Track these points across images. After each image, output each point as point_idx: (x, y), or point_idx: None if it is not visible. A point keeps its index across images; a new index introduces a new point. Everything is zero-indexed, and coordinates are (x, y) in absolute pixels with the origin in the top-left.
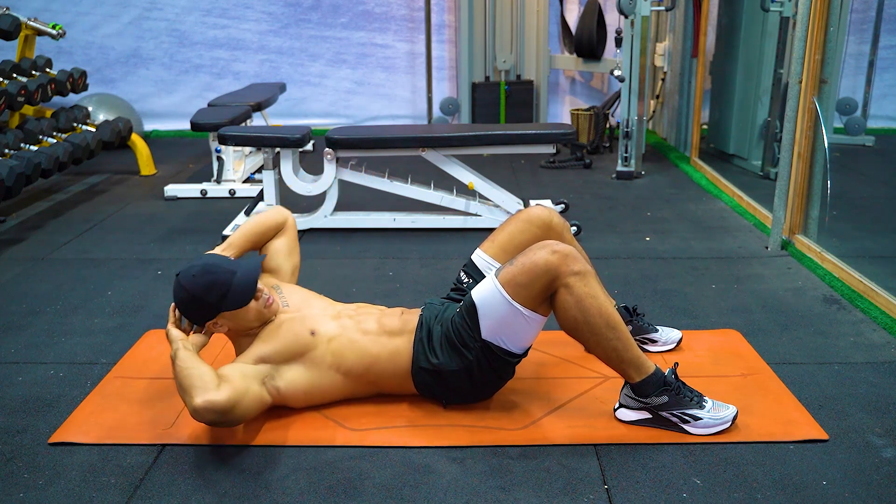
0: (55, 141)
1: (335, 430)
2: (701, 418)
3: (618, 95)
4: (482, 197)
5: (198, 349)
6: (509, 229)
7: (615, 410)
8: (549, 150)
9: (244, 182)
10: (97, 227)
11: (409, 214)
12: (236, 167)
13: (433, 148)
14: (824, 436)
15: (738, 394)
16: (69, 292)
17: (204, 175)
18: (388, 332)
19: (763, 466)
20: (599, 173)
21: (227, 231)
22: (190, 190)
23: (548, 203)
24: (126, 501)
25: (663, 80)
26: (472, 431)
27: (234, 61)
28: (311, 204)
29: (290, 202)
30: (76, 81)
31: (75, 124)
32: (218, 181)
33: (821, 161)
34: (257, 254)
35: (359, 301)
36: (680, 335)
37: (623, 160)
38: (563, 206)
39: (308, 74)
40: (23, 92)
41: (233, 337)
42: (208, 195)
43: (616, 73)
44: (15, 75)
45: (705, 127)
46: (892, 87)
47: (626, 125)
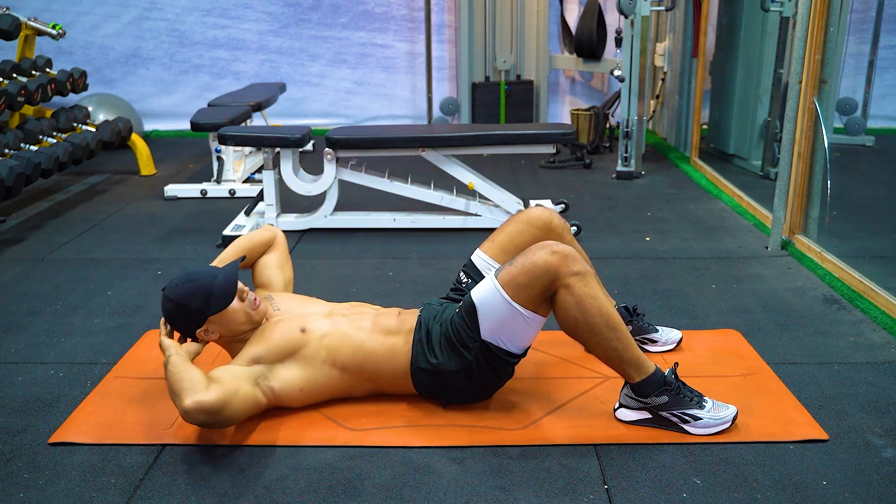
0: (55, 141)
1: (335, 430)
2: (701, 418)
3: (618, 95)
4: (482, 197)
5: (191, 357)
6: (509, 230)
7: (615, 410)
8: (549, 150)
9: (244, 182)
10: (97, 227)
11: (409, 214)
12: (236, 167)
13: (433, 148)
14: (824, 436)
15: (738, 394)
16: (69, 292)
17: (204, 175)
18: (384, 330)
19: (763, 466)
20: (599, 173)
21: (227, 231)
22: (190, 190)
23: (548, 203)
24: (126, 501)
25: (663, 80)
26: (472, 431)
27: (234, 61)
28: (311, 204)
29: (290, 202)
30: (76, 81)
31: (75, 124)
32: (218, 181)
33: (821, 161)
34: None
35: (358, 300)
36: (680, 335)
37: (623, 160)
38: (563, 206)
39: (308, 74)
40: (23, 92)
41: (225, 344)
42: (208, 195)
43: (616, 73)
44: (15, 75)
45: (705, 127)
46: (892, 87)
47: (626, 125)
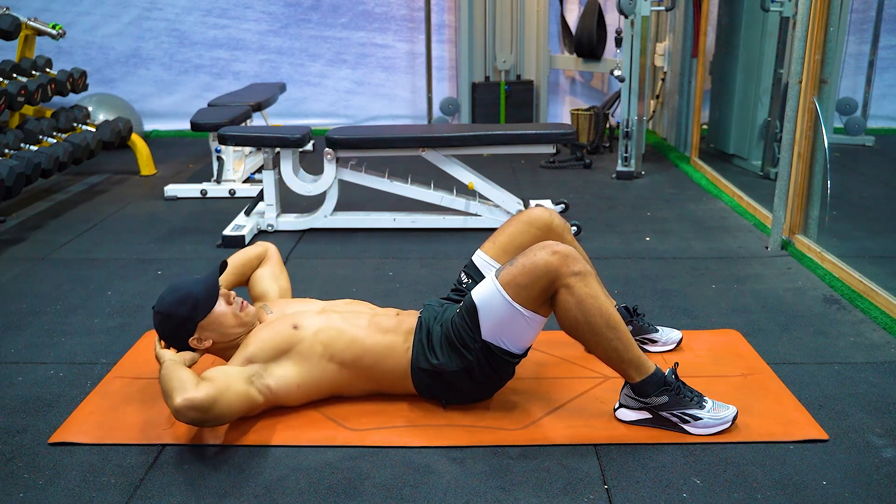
0: (55, 141)
1: (335, 430)
2: (701, 418)
3: (618, 95)
4: (482, 197)
5: (187, 364)
6: (510, 230)
7: (615, 410)
8: (549, 150)
9: (244, 182)
10: (97, 227)
11: (409, 214)
12: (236, 167)
13: (433, 148)
14: (824, 436)
15: (738, 394)
16: (69, 292)
17: (204, 175)
18: (381, 329)
19: (763, 466)
20: (599, 173)
21: (228, 231)
22: (190, 190)
23: (548, 203)
24: (126, 501)
25: (663, 80)
26: (472, 431)
27: (234, 61)
28: (311, 204)
29: (290, 202)
30: (76, 81)
31: (75, 124)
32: (218, 181)
33: (821, 161)
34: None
35: (358, 300)
36: (680, 335)
37: (623, 160)
38: (563, 206)
39: (308, 74)
40: (23, 92)
41: (220, 352)
42: (208, 195)
43: (616, 73)
44: (15, 75)
45: (705, 127)
46: (892, 87)
47: (626, 125)
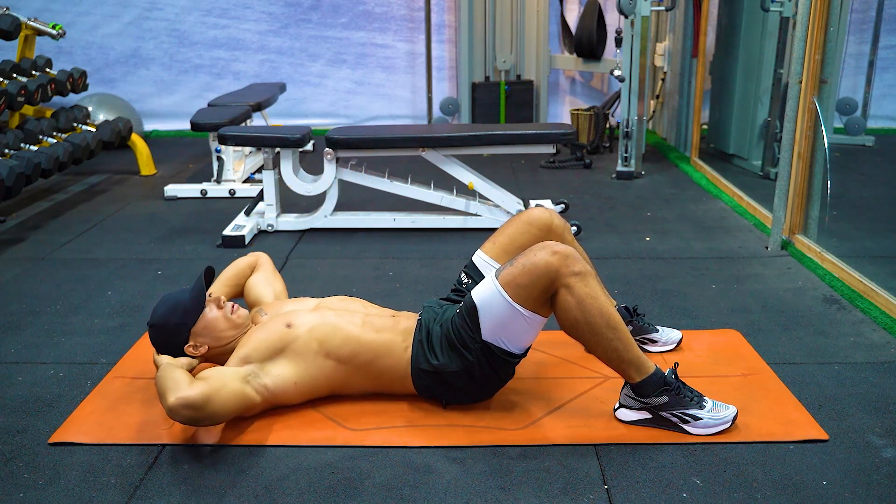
0: (55, 141)
1: (335, 430)
2: (701, 418)
3: (618, 95)
4: (482, 197)
5: (186, 369)
6: (510, 231)
7: (615, 410)
8: (549, 150)
9: (244, 182)
10: (97, 227)
11: (409, 214)
12: (236, 167)
13: (433, 148)
14: (824, 436)
15: (738, 394)
16: (69, 292)
17: (204, 175)
18: (375, 328)
19: (763, 466)
20: (599, 173)
21: (227, 231)
22: (190, 190)
23: (548, 203)
24: (126, 501)
25: (663, 80)
26: (472, 431)
27: (234, 61)
28: (311, 204)
29: (290, 202)
30: (76, 81)
31: (75, 124)
32: (218, 181)
33: (821, 161)
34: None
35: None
36: (680, 335)
37: (623, 160)
38: (563, 206)
39: (308, 74)
40: (23, 92)
41: (216, 356)
42: (208, 195)
43: (616, 73)
44: (15, 75)
45: (705, 127)
46: (892, 87)
47: (626, 125)
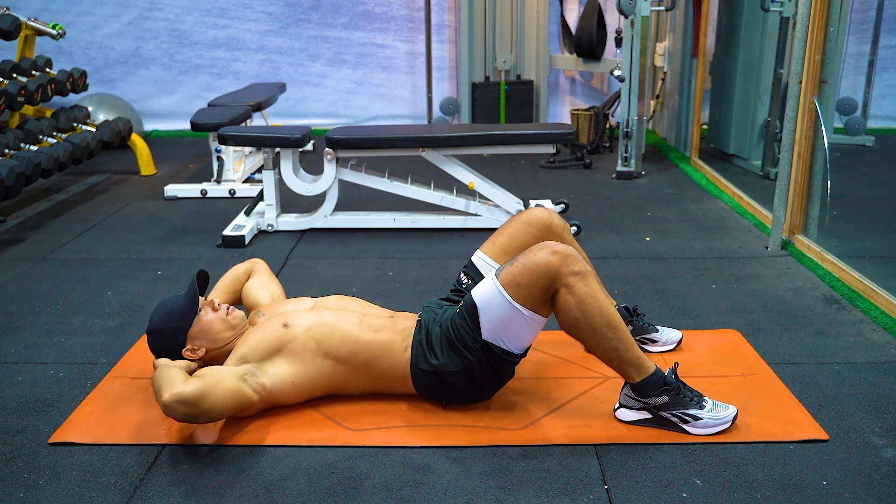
0: (55, 141)
1: (335, 430)
2: (701, 418)
3: (618, 95)
4: (482, 197)
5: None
6: (509, 231)
7: (615, 410)
8: (549, 150)
9: (244, 182)
10: (97, 227)
11: (409, 214)
12: (236, 167)
13: (433, 148)
14: (824, 436)
15: (738, 394)
16: (69, 292)
17: (204, 175)
18: (372, 328)
19: (763, 466)
20: (599, 173)
21: (227, 231)
22: (190, 190)
23: (548, 203)
24: (126, 501)
25: (663, 80)
26: (472, 431)
27: (234, 61)
28: (311, 204)
29: (290, 202)
30: (76, 81)
31: (75, 124)
32: (218, 181)
33: (821, 161)
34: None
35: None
36: (680, 335)
37: (623, 160)
38: (563, 206)
39: (308, 74)
40: (23, 92)
41: (214, 359)
42: (208, 195)
43: (616, 73)
44: (15, 75)
45: (705, 127)
46: (892, 87)
47: (626, 125)
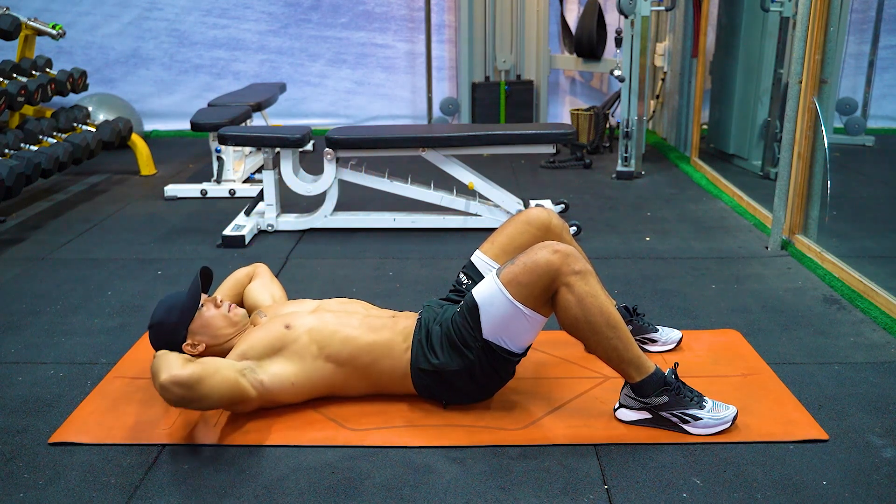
0: (55, 141)
1: (335, 430)
2: (701, 418)
3: (618, 95)
4: (482, 197)
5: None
6: (509, 231)
7: (615, 410)
8: (549, 150)
9: (244, 182)
10: (97, 227)
11: (409, 214)
12: (236, 167)
13: (433, 148)
14: (824, 436)
15: (738, 394)
16: (69, 292)
17: (204, 175)
18: (373, 328)
19: (763, 466)
20: (599, 173)
21: (227, 231)
22: (190, 190)
23: (548, 203)
24: (126, 501)
25: (663, 80)
26: (472, 431)
27: (234, 61)
28: (311, 204)
29: (290, 202)
30: (76, 81)
31: (75, 124)
32: (218, 181)
33: (821, 161)
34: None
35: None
36: (680, 335)
37: (623, 160)
38: (563, 206)
39: (308, 74)
40: (23, 92)
41: (213, 355)
42: (208, 195)
43: (616, 73)
44: (15, 75)
45: (705, 127)
46: (892, 87)
47: (626, 125)
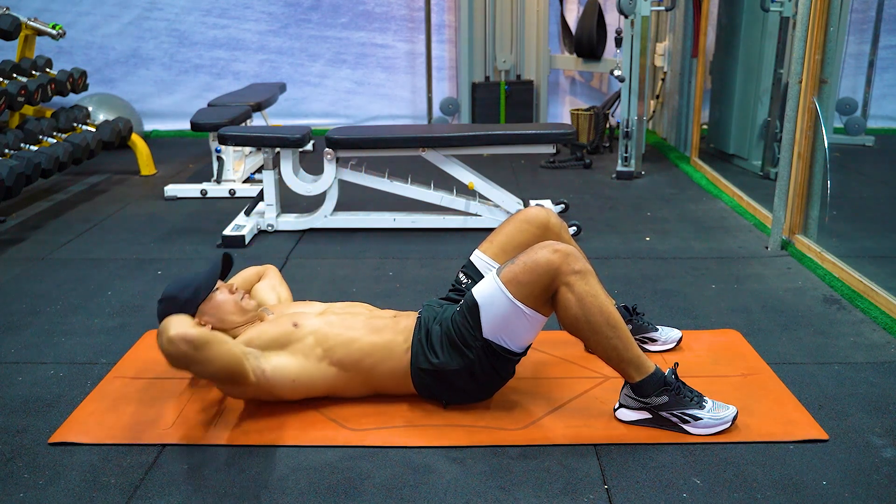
0: (55, 141)
1: (335, 430)
2: (701, 418)
3: (618, 95)
4: (482, 197)
5: None
6: (507, 229)
7: (615, 410)
8: (549, 150)
9: (244, 182)
10: (97, 227)
11: (409, 214)
12: (236, 167)
13: (433, 148)
14: (824, 436)
15: (738, 394)
16: (69, 292)
17: (204, 175)
18: (376, 329)
19: (763, 466)
20: (599, 173)
21: (228, 231)
22: (190, 190)
23: (548, 203)
24: (126, 501)
25: (663, 80)
26: (472, 431)
27: (234, 61)
28: (311, 204)
29: (290, 202)
30: (76, 81)
31: (75, 124)
32: (218, 181)
33: (821, 161)
34: None
35: (358, 301)
36: (680, 334)
37: (623, 160)
38: (563, 206)
39: (308, 74)
40: (23, 92)
41: None
42: (208, 195)
43: (616, 73)
44: (15, 75)
45: (705, 127)
46: (892, 87)
47: (626, 125)
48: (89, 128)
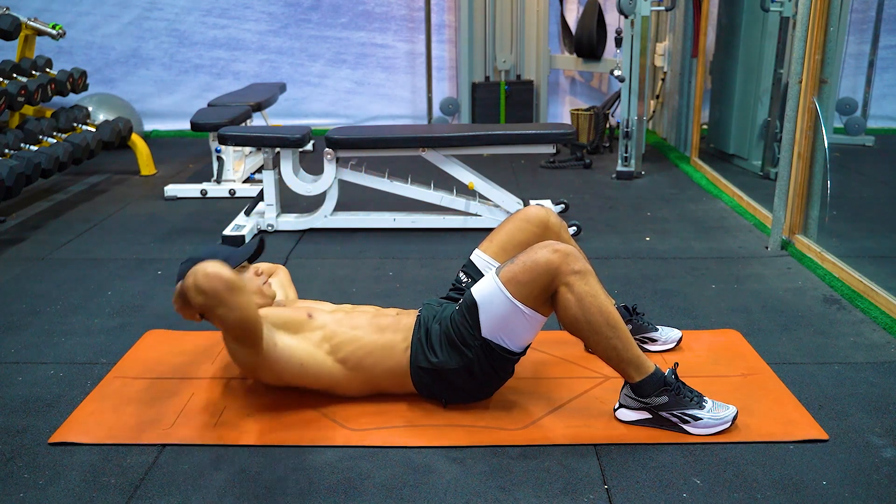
0: (55, 141)
1: (335, 430)
2: (701, 418)
3: (618, 95)
4: (482, 197)
5: None
6: (507, 229)
7: (615, 410)
8: (549, 150)
9: (244, 182)
10: (97, 227)
11: (409, 214)
12: (236, 167)
13: (433, 148)
14: (824, 436)
15: (738, 394)
16: (69, 292)
17: (204, 175)
18: (378, 328)
19: (763, 466)
20: (599, 173)
21: (228, 231)
22: (190, 190)
23: (548, 203)
24: (126, 501)
25: (663, 80)
26: (472, 431)
27: (234, 61)
28: (311, 204)
29: (290, 202)
30: (76, 81)
31: (75, 124)
32: (218, 181)
33: (821, 161)
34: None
35: (358, 300)
36: (680, 334)
37: (623, 160)
38: (563, 206)
39: (308, 74)
40: (23, 92)
41: None
42: (208, 195)
43: (616, 73)
44: (15, 75)
45: (705, 127)
46: (892, 87)
47: (626, 125)
48: (89, 128)
